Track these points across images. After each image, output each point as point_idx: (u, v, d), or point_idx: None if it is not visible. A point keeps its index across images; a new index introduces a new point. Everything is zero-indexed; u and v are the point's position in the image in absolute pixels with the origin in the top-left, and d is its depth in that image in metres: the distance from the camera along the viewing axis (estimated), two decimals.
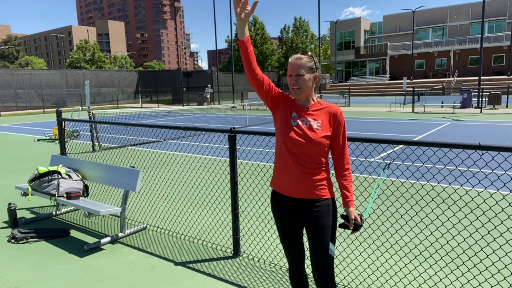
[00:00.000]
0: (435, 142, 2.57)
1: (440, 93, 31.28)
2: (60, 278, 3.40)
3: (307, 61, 2.15)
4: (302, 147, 2.12)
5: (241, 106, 29.86)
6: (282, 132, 2.19)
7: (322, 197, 2.18)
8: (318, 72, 2.21)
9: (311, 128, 2.14)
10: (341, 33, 59.21)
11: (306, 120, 2.17)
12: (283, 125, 2.20)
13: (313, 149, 2.12)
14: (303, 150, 2.13)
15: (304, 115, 2.18)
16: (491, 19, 48.96)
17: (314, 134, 2.12)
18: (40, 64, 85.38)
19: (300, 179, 2.15)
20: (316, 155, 2.15)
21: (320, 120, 2.16)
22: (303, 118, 2.18)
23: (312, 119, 2.17)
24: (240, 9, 2.02)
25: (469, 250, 3.68)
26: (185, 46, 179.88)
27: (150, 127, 4.43)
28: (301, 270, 2.44)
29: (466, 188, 5.74)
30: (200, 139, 11.94)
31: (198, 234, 4.36)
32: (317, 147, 2.12)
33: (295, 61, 2.16)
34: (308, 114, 2.18)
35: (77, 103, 35.51)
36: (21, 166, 8.56)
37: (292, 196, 2.21)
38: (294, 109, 2.22)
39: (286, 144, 2.17)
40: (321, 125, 2.15)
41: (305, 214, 2.20)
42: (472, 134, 11.76)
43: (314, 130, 2.13)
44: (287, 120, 2.20)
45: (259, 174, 7.05)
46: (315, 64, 2.18)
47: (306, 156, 2.14)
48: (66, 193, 4.46)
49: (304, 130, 2.14)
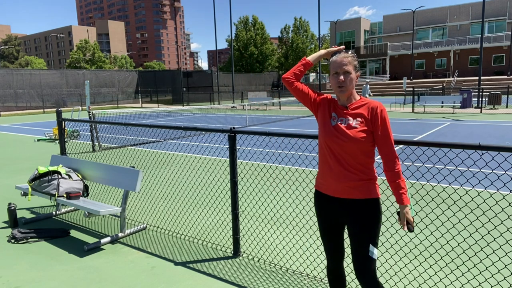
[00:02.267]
0: (435, 142, 2.57)
1: (440, 93, 31.29)
2: (60, 278, 3.40)
3: (353, 59, 2.17)
4: (342, 146, 2.12)
5: (241, 106, 29.85)
6: (322, 132, 2.21)
7: (364, 197, 2.14)
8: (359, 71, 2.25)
9: (350, 126, 2.12)
10: (341, 33, 59.22)
11: (345, 120, 2.16)
12: (322, 126, 2.23)
13: (352, 147, 2.09)
14: (343, 148, 2.12)
15: (344, 114, 2.18)
16: (491, 19, 48.96)
17: (352, 131, 2.10)
18: (40, 64, 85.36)
19: (342, 178, 2.14)
20: (358, 154, 2.12)
21: (360, 117, 2.14)
22: (342, 117, 2.18)
23: (351, 117, 2.15)
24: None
25: (469, 250, 3.68)
26: (185, 46, 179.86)
27: (150, 127, 4.43)
28: (339, 267, 2.44)
29: (466, 188, 5.74)
30: (200, 139, 11.94)
31: (198, 234, 4.36)
32: (356, 144, 2.09)
33: (342, 59, 2.15)
34: (348, 113, 2.18)
35: (77, 103, 35.54)
36: (21, 166, 8.56)
37: (334, 196, 2.21)
38: (334, 109, 2.24)
39: (327, 144, 2.18)
40: (360, 122, 2.13)
41: (346, 214, 2.19)
42: (472, 134, 11.75)
43: (352, 128, 2.11)
44: (326, 121, 2.22)
45: (259, 174, 7.05)
46: (357, 63, 2.22)
47: (347, 155, 2.12)
48: (66, 193, 4.46)
49: (342, 129, 2.13)
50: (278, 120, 18.53)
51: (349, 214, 2.18)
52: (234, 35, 68.55)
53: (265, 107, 29.15)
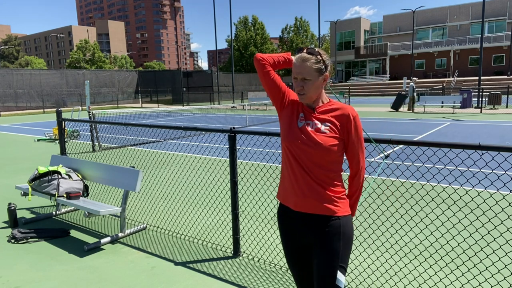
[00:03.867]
0: (435, 142, 2.57)
1: (440, 93, 31.30)
2: (60, 278, 3.40)
3: (314, 63, 1.85)
4: (307, 152, 1.84)
5: (241, 106, 29.85)
6: (285, 135, 1.92)
7: (332, 213, 1.85)
8: (327, 71, 1.90)
9: (318, 131, 1.85)
10: (341, 33, 59.24)
11: (312, 123, 1.89)
12: (288, 126, 1.93)
13: (320, 154, 1.82)
14: (309, 155, 1.84)
15: (311, 117, 1.91)
16: (491, 19, 48.97)
17: (321, 137, 1.83)
18: (40, 64, 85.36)
19: (307, 191, 1.86)
20: (326, 163, 1.85)
21: (329, 123, 1.87)
22: (309, 120, 1.90)
23: (319, 121, 1.88)
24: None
25: (469, 250, 3.68)
26: (185, 46, 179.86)
27: (150, 127, 4.43)
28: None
29: (466, 188, 5.74)
30: (200, 139, 11.94)
31: (198, 234, 4.36)
32: (324, 152, 1.82)
33: (300, 63, 1.85)
34: (316, 117, 1.91)
35: (77, 103, 35.52)
36: (21, 166, 8.56)
37: (298, 210, 1.90)
38: (302, 110, 1.96)
39: (291, 150, 1.89)
40: (330, 128, 1.85)
41: (311, 233, 1.88)
42: (472, 134, 11.75)
43: (321, 133, 1.85)
44: (293, 121, 1.93)
45: (259, 174, 7.05)
46: (324, 63, 1.87)
47: (314, 164, 1.85)
48: (66, 193, 4.46)
49: (310, 134, 1.85)
50: (278, 120, 18.51)
51: (314, 233, 1.87)
52: (234, 35, 68.56)
53: (265, 107, 29.14)
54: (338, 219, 1.85)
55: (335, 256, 1.82)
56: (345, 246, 1.85)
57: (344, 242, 1.85)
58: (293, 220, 1.94)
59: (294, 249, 2.00)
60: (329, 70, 1.92)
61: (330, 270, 1.81)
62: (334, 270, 1.81)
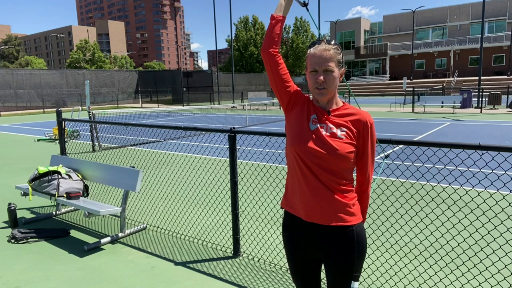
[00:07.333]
0: (435, 142, 2.57)
1: (440, 93, 31.30)
2: (60, 278, 3.40)
3: (335, 53, 1.70)
4: (322, 159, 1.68)
5: (241, 106, 29.86)
6: (295, 138, 1.73)
7: (346, 223, 1.72)
8: (344, 67, 1.78)
9: (334, 135, 1.69)
10: (341, 33, 59.25)
11: (326, 127, 1.72)
12: (297, 129, 1.75)
13: (336, 162, 1.68)
14: (324, 163, 1.68)
15: (325, 120, 1.74)
16: (491, 19, 48.98)
17: (338, 143, 1.67)
18: (40, 64, 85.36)
19: (320, 200, 1.71)
20: (340, 171, 1.71)
21: (345, 128, 1.71)
22: (323, 123, 1.73)
23: (334, 125, 1.72)
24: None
25: (469, 250, 3.68)
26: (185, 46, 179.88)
27: (150, 127, 4.43)
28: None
29: (466, 188, 5.74)
30: (200, 139, 11.94)
31: (198, 234, 4.36)
32: (341, 160, 1.67)
33: (321, 53, 1.68)
34: (330, 120, 1.74)
35: (77, 103, 35.52)
36: (21, 166, 8.56)
37: (310, 221, 1.76)
38: (314, 111, 1.78)
39: (301, 155, 1.72)
40: (347, 134, 1.70)
41: (323, 245, 1.76)
42: (472, 134, 11.75)
43: (337, 138, 1.69)
44: (303, 123, 1.75)
45: (259, 174, 7.05)
46: (342, 56, 1.75)
47: (327, 172, 1.69)
48: (66, 193, 4.46)
49: (324, 138, 1.68)
50: (278, 120, 18.52)
51: (325, 245, 1.76)
52: (234, 35, 68.54)
53: (265, 107, 29.16)
54: (352, 229, 1.74)
55: (350, 268, 1.75)
56: (359, 255, 1.76)
57: (358, 252, 1.75)
58: (302, 232, 1.80)
59: (300, 261, 1.87)
60: (345, 68, 1.81)
61: (344, 280, 1.75)
62: (348, 281, 1.76)
